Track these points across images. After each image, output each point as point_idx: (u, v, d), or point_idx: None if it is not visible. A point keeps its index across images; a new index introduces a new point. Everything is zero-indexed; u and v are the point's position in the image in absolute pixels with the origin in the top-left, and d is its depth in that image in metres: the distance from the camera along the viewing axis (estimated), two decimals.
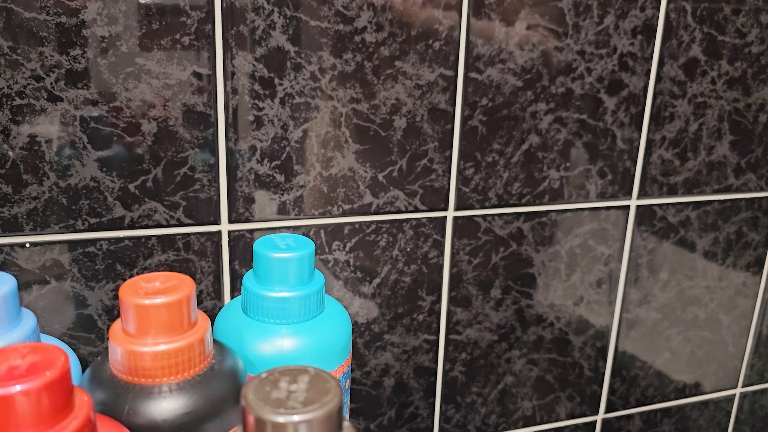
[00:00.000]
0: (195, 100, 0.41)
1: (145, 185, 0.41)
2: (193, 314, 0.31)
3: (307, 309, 0.36)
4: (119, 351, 0.29)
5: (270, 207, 0.44)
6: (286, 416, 0.20)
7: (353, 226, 0.46)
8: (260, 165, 0.43)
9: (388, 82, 0.44)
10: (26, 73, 0.38)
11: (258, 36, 0.41)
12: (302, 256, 0.36)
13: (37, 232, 0.40)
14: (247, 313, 0.37)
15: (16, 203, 0.39)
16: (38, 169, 0.39)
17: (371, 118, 0.44)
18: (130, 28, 0.38)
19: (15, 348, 0.24)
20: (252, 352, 0.35)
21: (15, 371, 0.23)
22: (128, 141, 0.40)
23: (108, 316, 0.43)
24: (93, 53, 0.38)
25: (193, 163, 0.42)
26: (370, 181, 0.46)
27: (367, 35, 0.43)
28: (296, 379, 0.22)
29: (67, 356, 0.24)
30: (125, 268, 0.42)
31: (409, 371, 0.52)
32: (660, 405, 0.62)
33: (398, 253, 0.48)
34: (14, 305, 0.31)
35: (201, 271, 0.44)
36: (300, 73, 0.42)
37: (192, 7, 0.39)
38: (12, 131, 0.38)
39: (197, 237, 0.43)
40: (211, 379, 0.30)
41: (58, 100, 0.38)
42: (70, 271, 0.41)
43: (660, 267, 0.57)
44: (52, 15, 0.37)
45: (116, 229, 0.41)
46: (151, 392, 0.29)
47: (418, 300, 0.50)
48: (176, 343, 0.29)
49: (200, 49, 0.40)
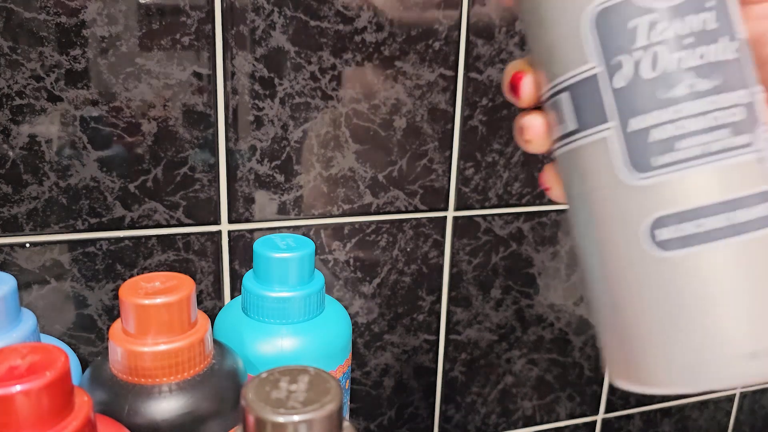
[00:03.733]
0: (195, 100, 0.41)
1: (145, 185, 0.41)
2: (193, 314, 0.31)
3: (307, 309, 0.36)
4: (119, 351, 0.29)
5: (270, 207, 0.44)
6: (286, 416, 0.20)
7: (353, 226, 0.46)
8: (260, 165, 0.43)
9: (388, 82, 0.44)
10: (26, 73, 0.37)
11: (258, 36, 0.41)
12: (302, 256, 0.36)
13: (37, 232, 0.40)
14: (247, 313, 0.37)
15: (16, 203, 0.39)
16: (38, 169, 0.39)
17: (371, 118, 0.44)
18: (130, 28, 0.38)
19: (15, 348, 0.24)
20: (252, 352, 0.35)
21: (15, 371, 0.23)
22: (128, 141, 0.40)
23: (108, 316, 0.43)
24: (93, 53, 0.38)
25: (193, 163, 0.42)
26: (370, 181, 0.46)
27: (367, 35, 0.43)
28: (296, 379, 0.22)
29: (67, 356, 0.24)
30: (125, 268, 0.42)
31: (409, 371, 0.51)
32: (660, 405, 0.62)
33: (398, 253, 0.48)
34: (14, 305, 0.31)
35: (201, 271, 0.44)
36: (300, 73, 0.42)
37: (192, 7, 0.39)
38: (12, 131, 0.38)
39: (197, 237, 0.43)
40: (211, 379, 0.30)
41: (58, 100, 0.38)
42: (70, 271, 0.41)
43: None
44: (52, 15, 0.37)
45: (116, 229, 0.41)
46: (151, 392, 0.29)
47: (418, 300, 0.50)
48: (176, 343, 0.29)
49: (200, 49, 0.40)
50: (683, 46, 0.21)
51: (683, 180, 0.21)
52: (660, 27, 0.21)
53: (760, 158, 0.21)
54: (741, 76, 0.21)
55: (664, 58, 0.21)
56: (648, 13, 0.21)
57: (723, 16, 0.21)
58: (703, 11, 0.21)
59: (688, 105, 0.21)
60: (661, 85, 0.21)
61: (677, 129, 0.21)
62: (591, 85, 0.22)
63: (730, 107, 0.21)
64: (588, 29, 0.22)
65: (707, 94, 0.21)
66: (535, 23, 0.24)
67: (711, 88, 0.21)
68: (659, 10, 0.21)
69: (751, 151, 0.21)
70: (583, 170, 0.23)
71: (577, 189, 0.24)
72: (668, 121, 0.21)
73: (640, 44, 0.21)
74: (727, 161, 0.21)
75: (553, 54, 0.23)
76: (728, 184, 0.21)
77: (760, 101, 0.22)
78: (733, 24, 0.22)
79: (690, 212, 0.21)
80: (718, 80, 0.21)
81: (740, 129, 0.21)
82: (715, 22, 0.21)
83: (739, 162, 0.21)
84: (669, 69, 0.21)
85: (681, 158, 0.21)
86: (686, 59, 0.21)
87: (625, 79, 0.22)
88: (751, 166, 0.21)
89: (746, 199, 0.21)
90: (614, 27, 0.22)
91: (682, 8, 0.21)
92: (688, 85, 0.21)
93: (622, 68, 0.22)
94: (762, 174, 0.21)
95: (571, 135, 0.23)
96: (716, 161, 0.21)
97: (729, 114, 0.21)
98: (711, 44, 0.21)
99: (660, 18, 0.21)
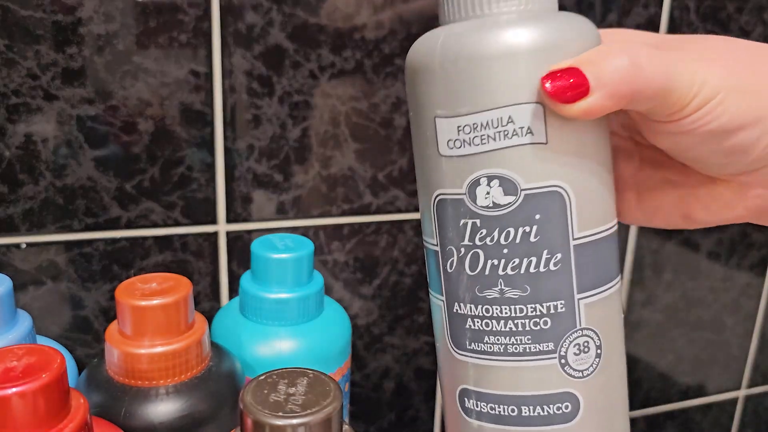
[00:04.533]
0: (192, 99, 0.40)
1: (142, 185, 0.41)
2: (191, 316, 0.30)
3: (306, 310, 0.36)
4: (116, 353, 0.29)
5: (268, 207, 0.44)
6: (284, 419, 0.20)
7: (353, 226, 0.46)
8: (258, 164, 0.43)
9: (388, 79, 0.44)
10: (22, 71, 0.37)
11: (256, 34, 0.41)
12: (301, 256, 0.36)
13: (33, 232, 0.40)
14: (245, 314, 0.36)
15: (12, 203, 0.39)
16: (34, 168, 0.39)
17: (371, 116, 0.44)
18: (126, 26, 0.38)
19: (11, 350, 0.24)
20: (250, 354, 0.35)
21: (11, 373, 0.23)
22: (125, 140, 0.40)
23: (104, 317, 0.42)
24: (89, 51, 0.38)
25: (190, 162, 0.41)
26: (369, 180, 0.45)
27: (367, 32, 0.42)
28: (295, 381, 0.22)
29: (63, 358, 0.24)
30: (122, 269, 0.42)
31: (410, 374, 0.51)
32: (663, 407, 0.62)
33: (398, 253, 0.48)
34: (10, 306, 0.31)
35: (198, 272, 0.44)
36: (299, 71, 0.42)
37: (189, 5, 0.39)
38: (8, 130, 0.38)
39: (194, 237, 0.43)
40: (208, 382, 0.30)
41: (54, 99, 0.38)
42: (67, 271, 0.41)
43: (663, 268, 0.56)
44: (49, 13, 0.37)
45: (113, 229, 0.41)
46: (147, 395, 0.29)
47: (419, 301, 0.50)
48: (173, 345, 0.29)
49: (198, 47, 0.40)
50: (500, 255, 0.23)
51: (486, 369, 0.24)
52: (483, 232, 0.23)
53: (561, 364, 0.23)
54: (556, 287, 0.23)
55: (482, 261, 0.23)
56: (474, 216, 0.23)
57: (547, 230, 0.22)
58: (525, 224, 0.22)
59: (496, 308, 0.23)
60: (478, 283, 0.23)
61: (486, 325, 0.23)
62: (435, 258, 0.25)
63: (536, 317, 0.23)
64: (432, 211, 0.24)
65: (515, 302, 0.23)
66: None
67: (518, 297, 0.23)
68: (484, 216, 0.23)
69: (550, 358, 0.23)
70: (433, 323, 0.26)
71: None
72: (480, 316, 0.24)
73: (465, 242, 0.23)
74: (525, 363, 0.23)
75: (422, 213, 0.26)
76: (522, 382, 0.23)
77: (582, 308, 0.23)
78: (559, 235, 0.23)
79: (486, 395, 0.24)
80: (529, 291, 0.23)
81: (543, 337, 0.23)
82: (535, 236, 0.22)
83: (537, 365, 0.23)
84: (485, 272, 0.23)
85: (486, 350, 0.24)
86: (501, 266, 0.23)
87: (452, 267, 0.24)
88: (548, 371, 0.23)
89: (534, 397, 0.23)
90: (448, 219, 0.24)
91: (505, 218, 0.22)
92: (498, 291, 0.23)
93: (451, 258, 0.24)
94: (558, 378, 0.23)
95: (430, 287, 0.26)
96: (515, 361, 0.23)
97: (533, 322, 0.23)
98: (528, 257, 0.23)
99: (484, 224, 0.23)
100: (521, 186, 0.22)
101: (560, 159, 0.22)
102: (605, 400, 0.25)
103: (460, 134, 0.22)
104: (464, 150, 0.22)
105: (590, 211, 0.23)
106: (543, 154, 0.22)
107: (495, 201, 0.22)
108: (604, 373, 0.24)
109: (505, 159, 0.22)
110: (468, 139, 0.22)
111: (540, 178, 0.22)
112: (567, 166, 0.22)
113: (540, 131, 0.22)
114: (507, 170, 0.22)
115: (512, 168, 0.22)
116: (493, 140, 0.22)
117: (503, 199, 0.22)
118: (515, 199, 0.22)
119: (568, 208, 0.22)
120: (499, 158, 0.22)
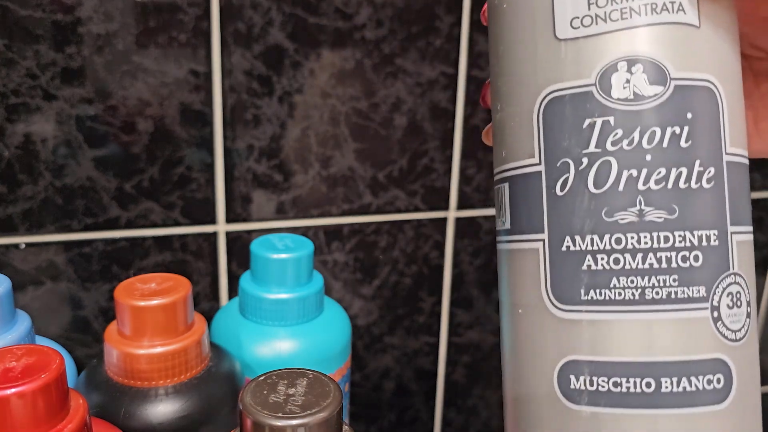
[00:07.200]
0: (192, 99, 0.40)
1: (142, 185, 0.41)
2: (190, 316, 0.30)
3: (306, 311, 0.36)
4: (115, 353, 0.29)
5: (268, 207, 0.44)
6: (284, 420, 0.20)
7: (353, 226, 0.46)
8: (258, 164, 0.43)
9: (389, 79, 0.44)
10: (21, 71, 0.37)
11: (256, 33, 0.40)
12: (301, 256, 0.36)
13: (32, 232, 0.40)
14: (245, 315, 0.36)
15: (11, 203, 0.39)
16: (33, 168, 0.39)
17: (371, 116, 0.44)
18: (126, 25, 0.38)
19: (9, 350, 0.24)
20: (249, 355, 0.35)
21: (9, 373, 0.22)
22: (124, 140, 0.40)
23: (104, 317, 0.42)
24: (89, 51, 0.38)
25: (190, 162, 0.41)
26: (370, 180, 0.45)
27: (367, 32, 0.42)
28: (295, 382, 0.22)
29: (62, 358, 0.23)
30: (121, 269, 0.42)
31: (410, 374, 0.51)
32: None
33: (399, 253, 0.48)
34: (9, 307, 0.31)
35: (198, 272, 0.43)
36: (298, 70, 0.42)
37: (189, 5, 0.39)
38: (7, 130, 0.38)
39: (194, 237, 0.43)
40: (208, 382, 0.30)
41: (53, 99, 0.38)
42: (66, 272, 0.41)
43: None
44: (48, 12, 0.37)
45: (112, 229, 0.41)
46: (147, 395, 0.29)
47: (419, 302, 0.49)
48: (172, 345, 0.29)
49: (197, 46, 0.40)
50: (641, 163, 0.18)
51: (609, 325, 0.18)
52: (618, 133, 0.18)
53: (714, 318, 0.18)
54: (709, 212, 0.18)
55: (614, 172, 0.18)
56: (606, 113, 0.18)
57: (701, 134, 0.18)
58: (674, 124, 0.18)
59: (632, 237, 0.18)
60: (606, 204, 0.18)
61: (615, 262, 0.18)
62: (531, 184, 0.19)
63: (685, 249, 0.18)
64: (537, 117, 0.19)
65: (659, 228, 0.18)
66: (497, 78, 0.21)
67: (663, 221, 0.18)
68: (621, 111, 0.18)
69: (701, 308, 0.18)
70: (511, 280, 0.20)
71: (504, 297, 0.21)
72: (606, 250, 0.18)
73: (591, 149, 0.18)
74: (667, 314, 0.17)
75: (504, 132, 0.20)
76: (662, 343, 0.17)
77: (735, 245, 0.18)
78: (713, 144, 0.18)
79: (607, 365, 0.18)
80: (677, 213, 0.18)
81: (694, 278, 0.17)
82: (686, 140, 0.18)
83: (683, 318, 0.17)
84: (618, 187, 0.18)
85: (612, 299, 0.18)
86: (641, 179, 0.18)
87: (566, 187, 0.18)
88: (697, 326, 0.18)
89: (677, 365, 0.17)
90: (564, 122, 0.18)
91: (649, 115, 0.18)
92: (636, 212, 0.18)
93: (564, 175, 0.18)
94: (709, 338, 0.18)
95: (506, 234, 0.20)
96: (654, 312, 0.17)
97: (682, 257, 0.18)
98: (677, 166, 0.18)
99: (619, 122, 0.18)
100: (671, 74, 0.18)
101: (712, 50, 0.18)
102: (754, 378, 0.19)
103: (591, 8, 0.18)
104: (596, 28, 0.18)
105: (738, 123, 0.19)
106: (695, 40, 0.18)
107: (637, 91, 0.18)
108: (753, 339, 0.19)
109: (652, 39, 0.18)
110: (603, 14, 0.18)
111: (692, 67, 0.18)
112: (719, 61, 0.18)
113: (692, 12, 0.18)
114: (654, 53, 0.18)
115: (661, 51, 0.18)
116: (638, 15, 0.18)
117: (648, 89, 0.18)
118: (664, 90, 0.18)
119: (721, 111, 0.18)
120: (645, 37, 0.18)
